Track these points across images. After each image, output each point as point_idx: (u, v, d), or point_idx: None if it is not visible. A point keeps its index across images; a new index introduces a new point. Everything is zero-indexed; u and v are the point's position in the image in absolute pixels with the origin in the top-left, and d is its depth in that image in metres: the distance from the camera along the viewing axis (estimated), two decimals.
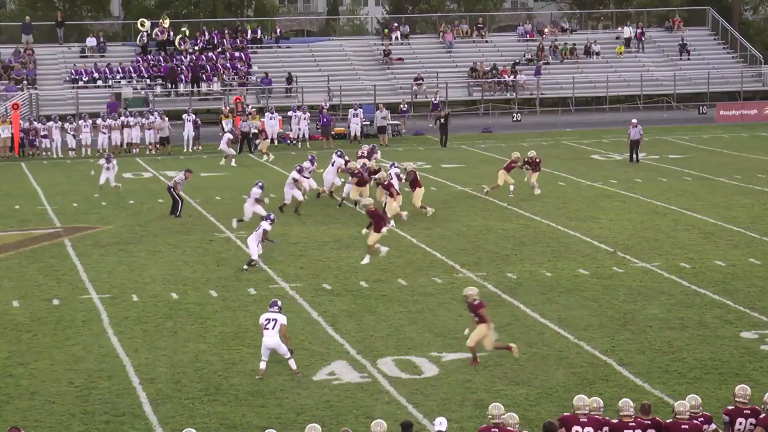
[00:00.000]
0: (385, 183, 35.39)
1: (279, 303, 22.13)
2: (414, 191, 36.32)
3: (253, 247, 29.41)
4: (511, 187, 39.44)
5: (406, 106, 62.21)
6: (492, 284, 27.93)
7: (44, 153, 53.09)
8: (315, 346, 23.27)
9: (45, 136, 53.11)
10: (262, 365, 21.44)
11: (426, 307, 26.11)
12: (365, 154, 40.13)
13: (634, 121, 47.96)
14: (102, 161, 40.95)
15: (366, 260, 30.02)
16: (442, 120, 54.21)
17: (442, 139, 54.10)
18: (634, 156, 47.79)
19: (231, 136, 50.50)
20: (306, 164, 38.69)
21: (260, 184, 34.86)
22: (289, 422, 19.11)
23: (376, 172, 37.39)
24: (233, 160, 49.02)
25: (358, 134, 56.60)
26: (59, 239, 33.93)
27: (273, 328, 21.46)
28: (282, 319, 21.60)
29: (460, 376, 21.44)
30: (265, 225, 29.50)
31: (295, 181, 37.03)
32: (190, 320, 25.30)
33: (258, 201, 34.24)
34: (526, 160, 40.37)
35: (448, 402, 20.09)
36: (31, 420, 19.40)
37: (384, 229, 30.44)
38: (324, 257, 31.07)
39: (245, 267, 29.53)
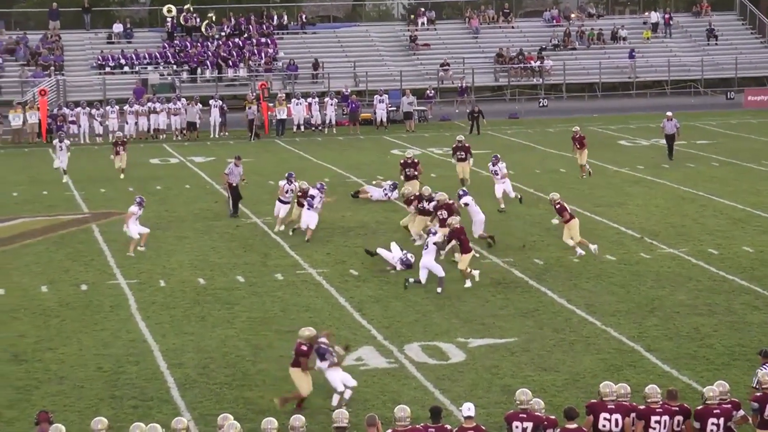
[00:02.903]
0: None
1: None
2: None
3: (437, 268, 26.39)
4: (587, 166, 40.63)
5: (432, 91, 62.11)
6: (519, 270, 27.85)
7: (72, 139, 53.12)
8: (342, 332, 23.14)
9: (73, 122, 53.19)
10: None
11: (453, 292, 25.99)
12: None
13: (669, 114, 45.17)
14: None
15: (468, 284, 26.61)
16: (475, 114, 54.01)
17: (471, 127, 53.89)
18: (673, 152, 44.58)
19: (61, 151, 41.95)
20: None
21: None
22: (316, 408, 19.05)
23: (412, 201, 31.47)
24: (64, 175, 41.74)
25: (384, 120, 56.59)
26: (87, 225, 34.02)
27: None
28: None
29: (487, 361, 21.38)
30: (436, 238, 26.84)
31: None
32: (217, 305, 25.33)
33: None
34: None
35: (475, 388, 20.03)
36: (60, 405, 19.45)
37: (472, 252, 27.05)
38: (350, 243, 31.04)
39: (439, 290, 26.27)
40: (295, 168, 41.17)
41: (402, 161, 36.09)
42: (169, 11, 66.42)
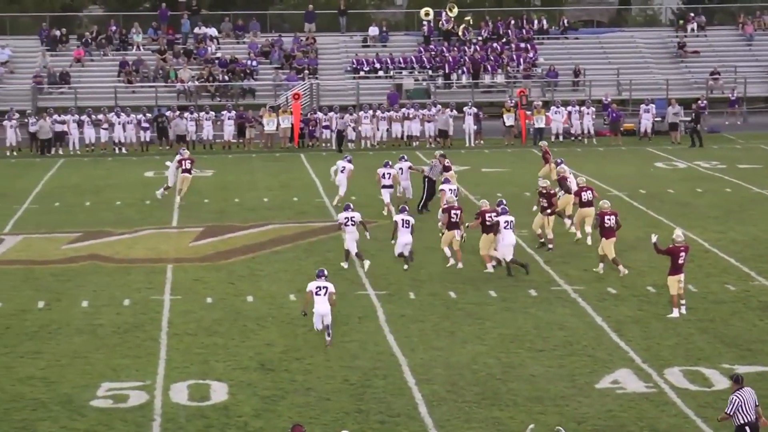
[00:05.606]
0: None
1: (326, 271, 23.56)
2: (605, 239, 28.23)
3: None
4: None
5: (704, 102, 59.72)
6: None
7: (323, 144, 53.36)
8: (598, 353, 22.59)
9: (326, 127, 53.38)
10: (319, 326, 23.24)
11: (718, 315, 25.00)
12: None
13: None
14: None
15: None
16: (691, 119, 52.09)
17: (692, 138, 51.82)
18: None
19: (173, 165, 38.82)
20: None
21: None
22: None
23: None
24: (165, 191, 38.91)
25: (649, 130, 55.02)
26: (336, 233, 33.75)
27: (324, 295, 23.04)
28: (331, 287, 23.13)
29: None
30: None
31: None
32: (467, 320, 24.83)
33: None
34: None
35: None
36: (305, 416, 19.35)
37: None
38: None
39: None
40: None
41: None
42: (427, 14, 66.10)
